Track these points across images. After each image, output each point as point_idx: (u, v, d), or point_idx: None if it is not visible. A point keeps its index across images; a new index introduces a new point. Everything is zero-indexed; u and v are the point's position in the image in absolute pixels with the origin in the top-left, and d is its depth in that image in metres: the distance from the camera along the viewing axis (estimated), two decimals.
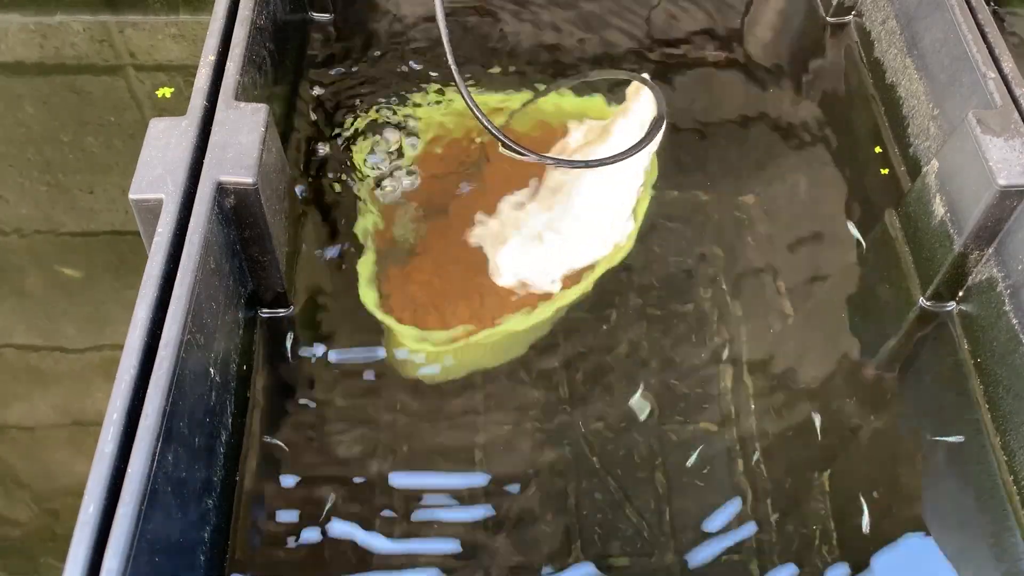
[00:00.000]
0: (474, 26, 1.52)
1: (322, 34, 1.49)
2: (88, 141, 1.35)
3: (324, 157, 1.33)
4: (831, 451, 1.10)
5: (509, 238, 1.24)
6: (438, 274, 1.22)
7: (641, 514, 1.04)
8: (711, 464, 1.08)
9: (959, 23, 1.22)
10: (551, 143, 1.36)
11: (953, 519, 1.05)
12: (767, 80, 1.47)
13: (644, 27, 1.54)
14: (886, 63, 1.42)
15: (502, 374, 1.14)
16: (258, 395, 1.11)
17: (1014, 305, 1.10)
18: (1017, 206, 1.08)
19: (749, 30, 1.55)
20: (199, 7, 1.50)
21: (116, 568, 0.75)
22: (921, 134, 1.30)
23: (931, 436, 1.11)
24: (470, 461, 1.07)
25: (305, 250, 1.23)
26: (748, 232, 1.28)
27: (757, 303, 1.21)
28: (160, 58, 1.46)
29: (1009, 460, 1.08)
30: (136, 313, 0.89)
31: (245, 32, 1.17)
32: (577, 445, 1.09)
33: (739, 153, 1.38)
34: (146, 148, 1.02)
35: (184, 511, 0.88)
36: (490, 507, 1.04)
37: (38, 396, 1.11)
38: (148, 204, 0.99)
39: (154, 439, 0.82)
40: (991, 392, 1.12)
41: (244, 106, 1.08)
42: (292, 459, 1.06)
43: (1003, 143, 1.09)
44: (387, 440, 1.08)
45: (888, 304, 1.22)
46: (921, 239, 1.22)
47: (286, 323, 1.17)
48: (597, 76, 1.45)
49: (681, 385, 1.14)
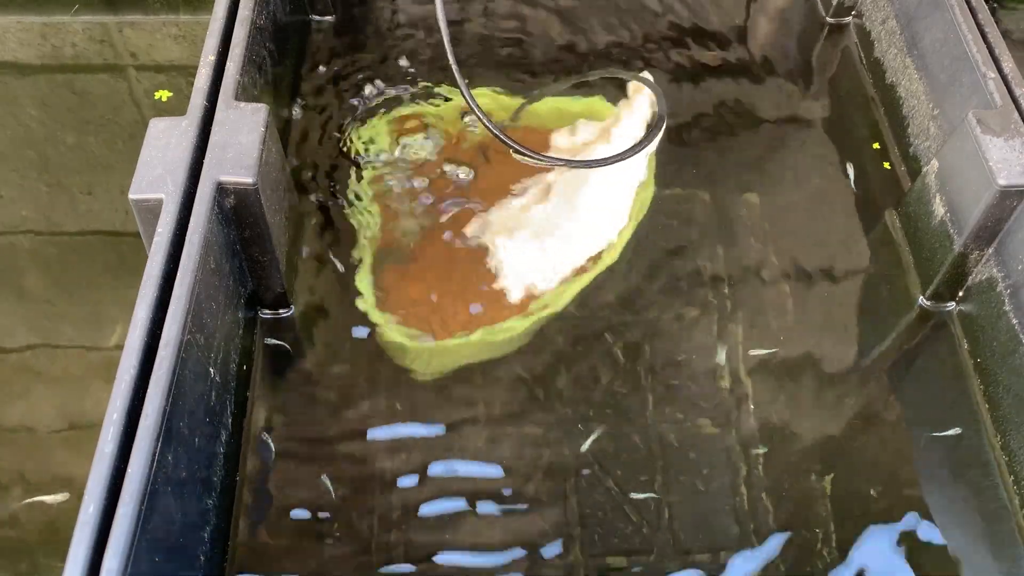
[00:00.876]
0: (474, 26, 1.52)
1: (323, 35, 1.49)
2: (88, 141, 1.35)
3: (324, 157, 1.33)
4: (831, 451, 1.10)
5: (508, 238, 1.24)
6: (437, 274, 1.22)
7: (641, 514, 1.04)
8: (711, 464, 1.08)
9: (959, 23, 1.22)
10: (551, 143, 1.36)
11: (953, 519, 1.05)
12: (767, 80, 1.47)
13: (644, 27, 1.54)
14: (886, 63, 1.42)
15: (502, 374, 1.14)
16: (258, 395, 1.11)
17: (1014, 305, 1.10)
18: (1017, 206, 1.08)
19: (749, 30, 1.55)
20: (199, 7, 1.50)
21: (116, 568, 0.75)
22: (921, 134, 1.30)
23: (931, 435, 1.11)
24: (470, 460, 1.07)
25: (305, 250, 1.23)
26: (748, 232, 1.28)
27: (757, 303, 1.21)
28: (160, 58, 1.46)
29: (1009, 460, 1.08)
30: (136, 313, 0.89)
31: (245, 32, 1.17)
32: (577, 445, 1.09)
33: (739, 153, 1.38)
34: (146, 148, 1.02)
35: (184, 511, 0.88)
36: (489, 507, 1.04)
37: (38, 396, 1.11)
38: (148, 204, 0.99)
39: (154, 439, 0.82)
40: (991, 392, 1.12)
41: (244, 106, 1.08)
42: (292, 459, 1.06)
43: (1003, 143, 1.09)
44: (387, 440, 1.08)
45: (888, 304, 1.22)
46: (921, 239, 1.22)
47: (286, 323, 1.17)
48: (597, 76, 1.45)
49: (681, 385, 1.14)
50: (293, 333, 1.16)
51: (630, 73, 1.45)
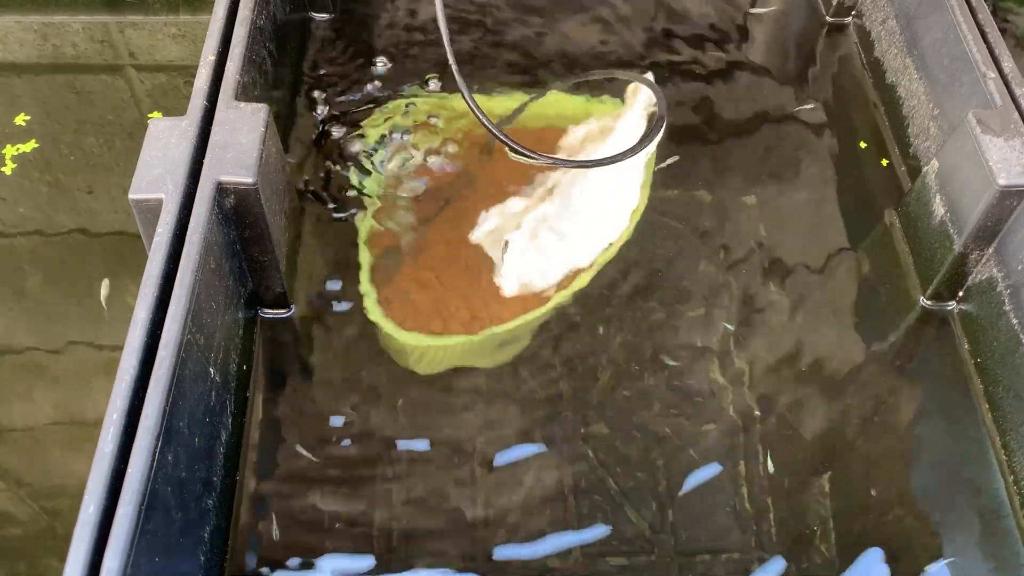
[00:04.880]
0: (475, 26, 1.52)
1: (322, 33, 1.49)
2: (88, 141, 1.35)
3: (324, 157, 1.33)
4: (831, 451, 1.10)
5: (509, 238, 1.24)
6: (438, 274, 1.22)
7: (641, 514, 1.04)
8: (711, 464, 1.08)
9: (959, 23, 1.22)
10: (552, 143, 1.36)
11: (953, 519, 1.05)
12: (767, 80, 1.47)
13: (644, 27, 1.54)
14: (886, 63, 1.42)
15: (502, 373, 1.14)
16: (258, 395, 1.11)
17: (1014, 305, 1.10)
18: (1017, 206, 1.08)
19: (749, 30, 1.55)
20: (199, 7, 1.50)
21: (116, 568, 0.75)
22: (921, 134, 1.30)
23: (930, 431, 1.11)
24: (470, 460, 1.07)
25: (305, 250, 1.23)
26: (748, 232, 1.28)
27: (757, 303, 1.21)
28: (160, 58, 1.46)
29: (1009, 460, 1.08)
30: (136, 313, 0.89)
31: (245, 32, 1.17)
32: (577, 445, 1.09)
33: (739, 153, 1.38)
34: (146, 148, 1.02)
35: (184, 511, 0.88)
36: (489, 507, 1.04)
37: (38, 396, 1.11)
38: (148, 204, 0.99)
39: (154, 439, 0.82)
40: (991, 392, 1.12)
41: (244, 106, 1.08)
42: (292, 459, 1.06)
43: (1003, 143, 1.09)
44: (388, 440, 1.08)
45: (888, 304, 1.22)
46: (921, 239, 1.22)
47: (286, 323, 1.17)
48: (597, 76, 1.45)
49: (681, 384, 1.14)
50: (293, 333, 1.16)
51: (630, 73, 1.45)
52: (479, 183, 1.31)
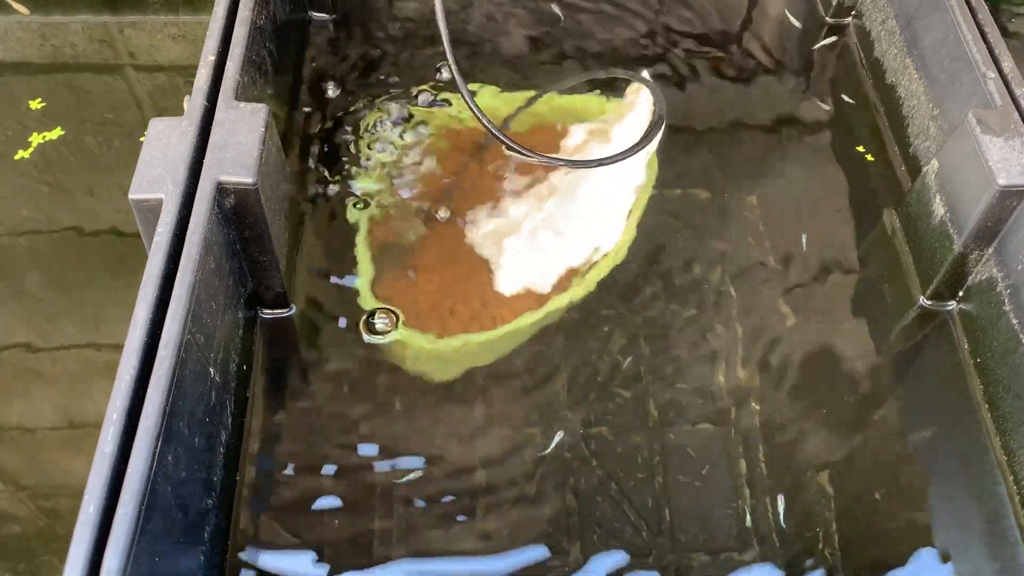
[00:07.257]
0: (475, 25, 1.52)
1: (322, 33, 1.49)
2: (88, 141, 1.35)
3: (324, 157, 1.33)
4: (831, 451, 1.10)
5: (509, 238, 1.24)
6: (438, 274, 1.22)
7: (641, 514, 1.04)
8: (711, 464, 1.08)
9: (959, 23, 1.22)
10: (551, 143, 1.36)
11: (953, 519, 1.05)
12: (767, 80, 1.47)
13: (644, 27, 1.54)
14: (886, 63, 1.42)
15: (502, 374, 1.14)
16: (258, 395, 1.11)
17: (1014, 305, 1.10)
18: (1017, 206, 1.08)
19: (749, 30, 1.55)
20: (199, 7, 1.50)
21: (116, 568, 0.75)
22: (921, 134, 1.30)
23: (930, 431, 1.11)
24: (470, 461, 1.07)
25: (305, 250, 1.23)
26: (748, 232, 1.29)
27: (757, 303, 1.21)
28: (160, 58, 1.46)
29: (1009, 460, 1.08)
30: (136, 313, 0.89)
31: (245, 32, 1.17)
32: (577, 446, 1.09)
33: (739, 153, 1.38)
34: (146, 148, 1.02)
35: (184, 511, 0.88)
36: (489, 507, 1.04)
37: (38, 396, 1.11)
38: (148, 204, 0.99)
39: (154, 439, 0.82)
40: (991, 392, 1.12)
41: (244, 106, 1.08)
42: (292, 459, 1.06)
43: (1003, 143, 1.09)
44: (387, 440, 1.08)
45: (888, 304, 1.22)
46: (921, 239, 1.22)
47: (286, 323, 1.17)
48: (597, 76, 1.45)
49: (681, 385, 1.14)
50: (293, 333, 1.16)
51: (630, 73, 1.45)
52: (479, 184, 1.31)
